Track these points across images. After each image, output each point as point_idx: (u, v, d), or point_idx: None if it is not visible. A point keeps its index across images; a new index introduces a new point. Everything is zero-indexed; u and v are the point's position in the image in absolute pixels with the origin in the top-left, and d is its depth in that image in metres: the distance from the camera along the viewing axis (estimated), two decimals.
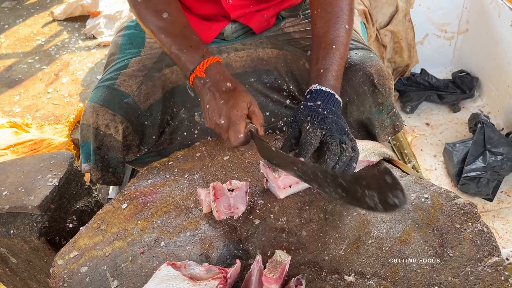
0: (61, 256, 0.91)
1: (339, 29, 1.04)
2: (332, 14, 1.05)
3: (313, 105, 0.94)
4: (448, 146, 1.98)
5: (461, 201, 0.90)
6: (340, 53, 1.02)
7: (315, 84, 0.98)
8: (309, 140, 0.88)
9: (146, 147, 1.19)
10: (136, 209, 1.00)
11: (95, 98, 1.13)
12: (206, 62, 0.98)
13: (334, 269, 0.81)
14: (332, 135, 0.89)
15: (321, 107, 0.94)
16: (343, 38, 1.03)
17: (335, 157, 0.87)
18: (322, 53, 1.02)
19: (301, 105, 0.96)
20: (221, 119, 0.93)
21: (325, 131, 0.89)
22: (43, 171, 1.19)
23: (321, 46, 1.03)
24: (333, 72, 1.00)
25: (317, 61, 1.02)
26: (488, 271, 0.78)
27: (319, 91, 0.97)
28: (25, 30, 3.73)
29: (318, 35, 1.05)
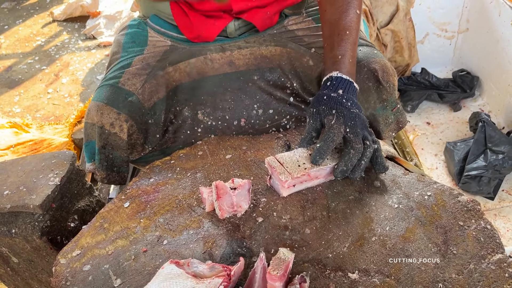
0: (64, 255, 0.91)
1: (350, 14, 1.05)
2: (343, 0, 1.06)
3: (336, 96, 0.95)
4: (449, 145, 1.98)
5: (464, 198, 0.90)
6: (353, 38, 1.03)
7: (335, 72, 0.99)
8: (332, 137, 0.90)
9: (150, 146, 1.19)
10: (139, 207, 1.00)
11: (99, 96, 1.13)
12: None
13: (338, 267, 0.81)
14: (355, 132, 0.91)
15: (345, 98, 0.95)
16: (355, 24, 1.04)
17: (358, 155, 0.90)
18: (337, 39, 1.03)
19: (324, 95, 0.96)
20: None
21: (349, 128, 0.91)
22: (44, 170, 1.19)
23: (335, 32, 1.04)
24: (349, 58, 1.01)
25: (332, 47, 1.03)
26: (492, 268, 0.78)
27: (339, 79, 0.98)
28: (25, 30, 3.72)
29: (330, 21, 1.06)
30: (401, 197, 0.93)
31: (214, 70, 1.21)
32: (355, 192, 0.95)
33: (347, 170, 0.93)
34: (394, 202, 0.92)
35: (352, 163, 0.91)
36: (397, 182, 0.97)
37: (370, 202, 0.93)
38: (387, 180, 0.98)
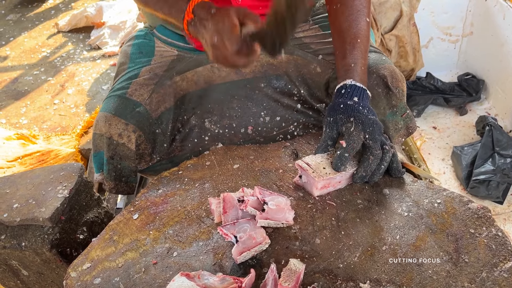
0: (74, 268, 0.91)
1: (361, 22, 1.06)
2: (353, 8, 1.07)
3: (353, 103, 0.97)
4: (456, 149, 1.97)
5: (474, 205, 0.90)
6: (364, 46, 1.05)
7: (348, 80, 1.00)
8: (353, 144, 0.92)
9: (158, 156, 1.19)
10: (148, 219, 1.00)
11: (107, 107, 1.13)
12: (192, 3, 0.95)
13: (349, 277, 0.80)
14: (374, 138, 0.93)
15: (361, 105, 0.97)
16: (365, 32, 1.06)
17: (377, 161, 0.93)
18: (349, 48, 1.04)
19: (340, 104, 0.97)
20: (214, 38, 0.88)
21: (368, 134, 0.93)
22: (53, 183, 1.19)
23: (346, 40, 1.05)
24: (361, 66, 1.03)
25: (344, 55, 1.04)
26: (504, 276, 0.77)
27: (353, 87, 0.99)
28: (30, 42, 3.76)
29: (341, 30, 1.07)
30: (410, 205, 0.93)
31: (221, 78, 1.22)
32: (364, 200, 0.95)
33: (367, 175, 0.94)
34: (403, 210, 0.92)
35: (371, 168, 0.93)
36: (406, 189, 0.97)
37: (379, 211, 0.92)
38: (396, 188, 0.98)
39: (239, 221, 0.88)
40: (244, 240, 0.84)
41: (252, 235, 0.85)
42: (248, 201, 0.89)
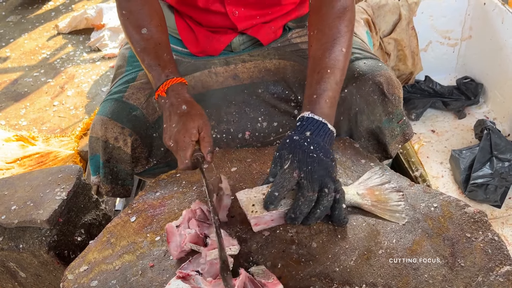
0: (71, 271, 0.91)
1: (335, 52, 0.99)
2: (329, 37, 1.00)
3: (298, 138, 0.89)
4: (455, 153, 1.98)
5: (471, 209, 0.90)
6: (335, 78, 0.97)
7: (307, 112, 0.93)
8: (282, 183, 0.84)
9: (155, 159, 1.20)
10: (145, 222, 1.00)
11: (103, 111, 1.14)
12: (169, 83, 1.00)
13: (345, 281, 0.80)
14: (311, 179, 0.84)
15: (308, 141, 0.89)
16: (339, 63, 0.98)
17: (310, 204, 0.84)
18: (316, 78, 0.97)
19: (287, 138, 0.91)
20: (170, 142, 0.96)
21: (304, 173, 0.84)
22: (51, 185, 1.19)
23: (316, 69, 0.98)
24: (326, 98, 0.95)
25: (310, 85, 0.98)
26: (500, 280, 0.77)
27: (310, 120, 0.92)
28: (30, 43, 3.76)
29: (314, 58, 1.01)
30: (407, 209, 0.93)
31: (219, 83, 1.22)
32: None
33: (296, 218, 0.84)
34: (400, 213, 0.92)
35: (301, 211, 0.83)
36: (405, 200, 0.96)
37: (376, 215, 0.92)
38: None
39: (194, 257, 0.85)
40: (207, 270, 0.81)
41: (213, 262, 0.82)
42: (186, 236, 0.86)
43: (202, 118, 0.97)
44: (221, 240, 0.80)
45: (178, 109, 0.97)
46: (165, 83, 1.00)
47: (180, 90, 1.01)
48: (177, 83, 1.01)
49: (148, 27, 1.06)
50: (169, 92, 1.00)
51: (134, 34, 1.07)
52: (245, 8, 1.16)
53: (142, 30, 1.05)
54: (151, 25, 1.07)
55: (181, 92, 1.00)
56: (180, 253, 0.87)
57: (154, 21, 1.07)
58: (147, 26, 1.06)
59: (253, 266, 0.83)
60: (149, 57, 1.04)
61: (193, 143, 0.95)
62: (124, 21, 1.08)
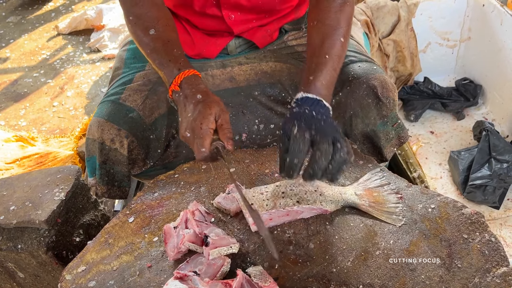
0: (69, 271, 0.91)
1: (334, 40, 1.01)
2: (329, 26, 1.02)
3: (299, 110, 0.88)
4: (453, 154, 1.98)
5: (468, 211, 0.90)
6: (333, 63, 0.98)
7: (300, 93, 0.93)
8: (298, 147, 0.80)
9: (152, 161, 1.20)
10: (143, 222, 1.00)
11: (100, 113, 1.14)
12: (181, 76, 0.97)
13: (342, 282, 0.80)
14: (323, 133, 0.81)
15: (309, 109, 0.87)
16: (337, 50, 1.00)
17: (327, 157, 0.81)
18: (315, 61, 0.98)
19: (287, 115, 0.89)
20: (186, 132, 0.91)
21: (315, 130, 0.82)
22: (50, 185, 1.20)
23: (314, 54, 1.00)
24: (323, 81, 0.95)
25: (308, 69, 0.98)
26: (497, 282, 0.77)
27: (305, 99, 0.91)
28: (30, 44, 3.77)
29: (313, 45, 1.02)
30: (404, 210, 0.93)
31: (215, 86, 1.22)
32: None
33: (315, 173, 0.82)
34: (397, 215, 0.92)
35: (319, 166, 0.80)
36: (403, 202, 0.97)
37: (374, 216, 0.93)
38: None
39: (192, 257, 0.86)
40: (205, 271, 0.81)
41: (211, 262, 0.82)
42: (184, 236, 0.85)
43: (219, 105, 0.93)
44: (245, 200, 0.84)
45: (193, 99, 0.93)
46: (178, 77, 0.97)
47: (194, 81, 0.97)
48: (191, 75, 0.98)
49: (156, 27, 1.05)
50: (183, 85, 0.96)
51: (142, 37, 1.05)
52: (241, 12, 1.16)
53: (150, 32, 1.04)
54: (158, 25, 1.05)
55: (195, 83, 0.97)
56: (176, 254, 0.87)
57: (161, 21, 1.06)
58: (155, 26, 1.05)
59: (250, 266, 0.83)
60: (159, 56, 1.02)
61: (211, 131, 0.90)
62: (132, 26, 1.07)
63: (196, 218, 0.90)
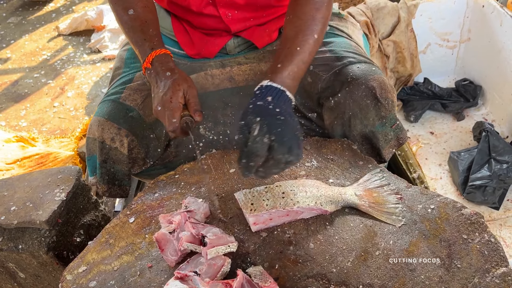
0: (70, 271, 0.92)
1: (307, 35, 1.01)
2: (302, 21, 1.03)
3: (263, 103, 0.88)
4: (453, 154, 1.98)
5: (467, 211, 0.90)
6: (303, 56, 0.99)
7: (266, 80, 0.94)
8: (256, 151, 0.82)
9: (152, 160, 1.20)
10: (144, 223, 1.00)
11: (100, 112, 1.15)
12: (153, 54, 1.03)
13: (342, 282, 0.81)
14: (282, 141, 0.83)
15: (272, 105, 0.88)
16: (309, 45, 1.01)
17: (279, 165, 0.84)
18: (284, 52, 0.99)
19: (249, 105, 0.90)
20: (158, 106, 0.98)
21: (275, 135, 0.83)
22: (50, 185, 1.20)
23: (286, 45, 1.01)
24: (290, 71, 0.96)
25: (277, 58, 0.99)
26: (496, 282, 0.78)
27: (269, 87, 0.92)
28: (31, 45, 3.77)
29: (286, 37, 1.04)
30: (404, 211, 0.93)
31: (215, 85, 1.23)
32: None
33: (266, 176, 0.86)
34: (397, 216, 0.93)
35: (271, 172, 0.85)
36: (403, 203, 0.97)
37: (373, 216, 0.93)
38: None
39: (192, 258, 0.86)
40: (205, 271, 0.81)
41: (211, 262, 0.83)
42: (182, 238, 0.86)
43: (187, 81, 1.00)
44: None
45: (163, 76, 1.00)
46: (150, 55, 1.03)
47: (164, 60, 1.03)
48: (162, 53, 1.04)
49: (135, 8, 1.10)
50: (154, 63, 1.03)
51: (122, 15, 1.11)
52: (238, 10, 1.17)
53: (129, 11, 1.09)
54: (137, 6, 1.10)
55: (165, 61, 1.03)
56: (179, 257, 0.87)
57: (140, 2, 1.11)
58: (134, 7, 1.10)
59: (250, 267, 0.83)
60: (135, 35, 1.08)
61: (180, 104, 0.97)
62: (114, 4, 1.12)
63: (191, 220, 0.91)
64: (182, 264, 0.85)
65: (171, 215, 0.94)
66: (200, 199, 1.00)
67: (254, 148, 0.82)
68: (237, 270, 0.79)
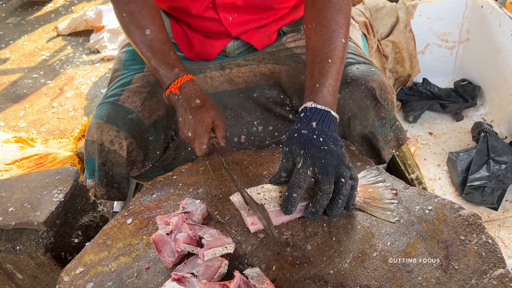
0: (67, 273, 0.92)
1: (335, 42, 1.00)
2: (327, 28, 1.01)
3: (307, 132, 0.90)
4: (452, 155, 1.98)
5: (465, 212, 0.90)
6: (336, 67, 0.98)
7: (309, 102, 0.94)
8: (298, 183, 0.85)
9: (151, 163, 1.20)
10: (141, 224, 1.00)
11: (99, 114, 1.14)
12: (180, 80, 1.09)
13: (339, 283, 0.81)
14: (326, 172, 0.86)
15: (316, 133, 0.90)
16: (339, 52, 1.00)
17: (328, 196, 0.86)
18: (318, 67, 0.98)
19: (295, 133, 0.91)
20: (188, 132, 1.05)
21: (318, 168, 0.86)
22: (48, 186, 1.20)
23: (316, 60, 1.00)
24: (329, 87, 0.96)
25: (312, 75, 0.99)
26: (493, 283, 0.78)
27: (313, 110, 0.93)
28: (30, 45, 3.77)
29: (313, 49, 1.02)
30: (402, 212, 0.93)
31: (214, 87, 1.23)
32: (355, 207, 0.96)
33: (317, 211, 0.88)
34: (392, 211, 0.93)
35: (320, 204, 0.87)
36: (398, 198, 0.97)
37: (371, 217, 0.93)
38: None
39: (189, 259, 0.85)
40: (202, 273, 0.81)
41: (208, 264, 0.82)
42: (179, 239, 0.86)
43: (215, 109, 1.07)
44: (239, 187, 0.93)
45: (193, 103, 1.06)
46: (177, 81, 1.08)
47: (191, 87, 1.09)
48: (188, 80, 1.09)
49: (151, 27, 1.10)
50: (182, 89, 1.08)
51: (138, 35, 1.11)
52: (238, 13, 1.16)
53: (146, 31, 1.10)
54: (153, 25, 1.11)
55: (192, 88, 1.09)
56: (177, 258, 0.87)
57: (155, 21, 1.11)
58: (150, 27, 1.10)
59: (248, 268, 0.83)
60: (156, 57, 1.10)
61: (209, 130, 1.04)
62: (126, 23, 1.11)
63: (188, 222, 0.91)
64: (179, 266, 0.85)
65: (168, 216, 0.94)
66: (198, 200, 1.00)
67: (297, 179, 0.86)
68: (234, 271, 0.79)
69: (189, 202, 0.99)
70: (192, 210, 0.96)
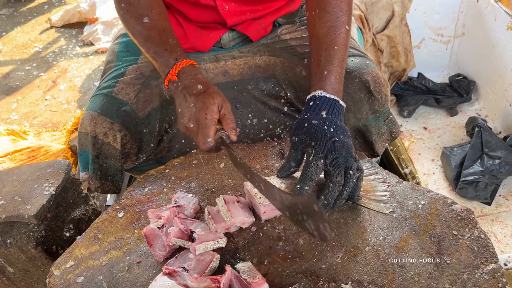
0: (57, 266, 0.91)
1: (340, 29, 1.01)
2: (331, 15, 1.02)
3: (318, 122, 0.89)
4: (446, 150, 1.99)
5: (458, 207, 0.90)
6: (341, 54, 0.99)
7: (319, 90, 0.94)
8: (310, 176, 0.85)
9: (145, 155, 1.19)
10: (133, 217, 1.00)
11: (93, 106, 1.13)
12: (179, 65, 0.97)
13: (331, 278, 0.80)
14: (337, 164, 0.85)
15: (327, 123, 0.89)
16: (343, 39, 1.00)
17: (339, 188, 0.86)
18: (324, 54, 0.98)
19: (305, 122, 0.90)
20: (190, 123, 0.91)
21: (329, 160, 0.85)
22: (39, 179, 1.19)
23: (322, 47, 1.00)
24: (336, 74, 0.96)
25: (318, 63, 0.99)
26: (485, 278, 0.78)
27: (323, 99, 0.93)
28: (22, 37, 3.73)
29: (318, 36, 1.02)
30: (395, 206, 0.93)
31: (209, 79, 1.21)
32: (348, 201, 0.95)
33: (329, 204, 0.87)
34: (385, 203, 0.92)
35: (332, 196, 0.86)
36: (391, 190, 0.97)
37: (364, 212, 0.93)
38: None
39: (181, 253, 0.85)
40: (194, 267, 0.81)
41: (199, 258, 0.82)
42: (170, 233, 0.85)
43: (221, 95, 0.94)
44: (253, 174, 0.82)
45: (194, 89, 0.93)
46: (175, 66, 0.97)
47: (192, 71, 0.97)
48: (188, 65, 0.98)
49: (150, 15, 1.04)
50: (181, 74, 0.96)
51: (135, 25, 1.05)
52: (235, 3, 1.15)
53: (143, 20, 1.03)
54: (152, 13, 1.04)
55: (193, 73, 0.97)
56: (168, 252, 0.86)
57: (154, 9, 1.05)
58: (148, 15, 1.04)
59: (239, 262, 0.83)
60: (153, 45, 1.02)
61: (215, 121, 0.90)
62: (124, 13, 1.06)
63: (180, 216, 0.90)
64: (171, 260, 0.84)
65: (160, 210, 0.93)
66: (190, 194, 0.99)
67: (309, 172, 0.85)
68: (226, 265, 0.78)
69: (181, 196, 0.98)
70: (184, 204, 0.95)
